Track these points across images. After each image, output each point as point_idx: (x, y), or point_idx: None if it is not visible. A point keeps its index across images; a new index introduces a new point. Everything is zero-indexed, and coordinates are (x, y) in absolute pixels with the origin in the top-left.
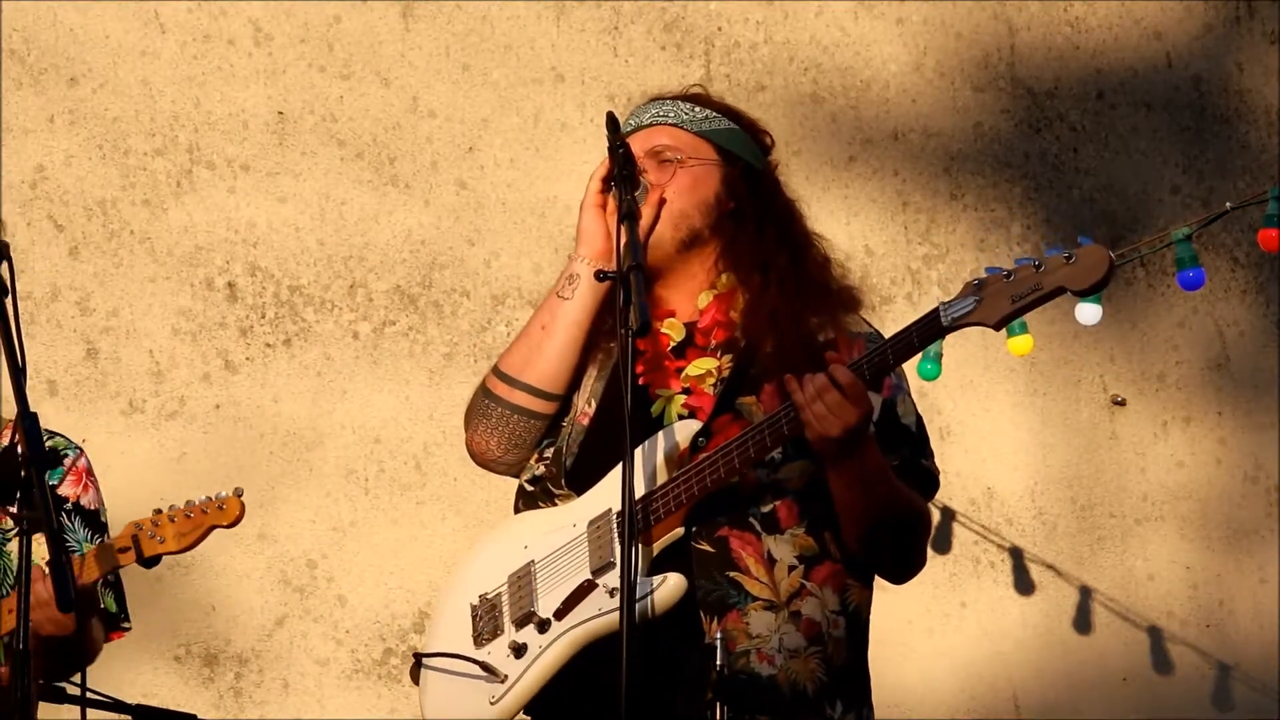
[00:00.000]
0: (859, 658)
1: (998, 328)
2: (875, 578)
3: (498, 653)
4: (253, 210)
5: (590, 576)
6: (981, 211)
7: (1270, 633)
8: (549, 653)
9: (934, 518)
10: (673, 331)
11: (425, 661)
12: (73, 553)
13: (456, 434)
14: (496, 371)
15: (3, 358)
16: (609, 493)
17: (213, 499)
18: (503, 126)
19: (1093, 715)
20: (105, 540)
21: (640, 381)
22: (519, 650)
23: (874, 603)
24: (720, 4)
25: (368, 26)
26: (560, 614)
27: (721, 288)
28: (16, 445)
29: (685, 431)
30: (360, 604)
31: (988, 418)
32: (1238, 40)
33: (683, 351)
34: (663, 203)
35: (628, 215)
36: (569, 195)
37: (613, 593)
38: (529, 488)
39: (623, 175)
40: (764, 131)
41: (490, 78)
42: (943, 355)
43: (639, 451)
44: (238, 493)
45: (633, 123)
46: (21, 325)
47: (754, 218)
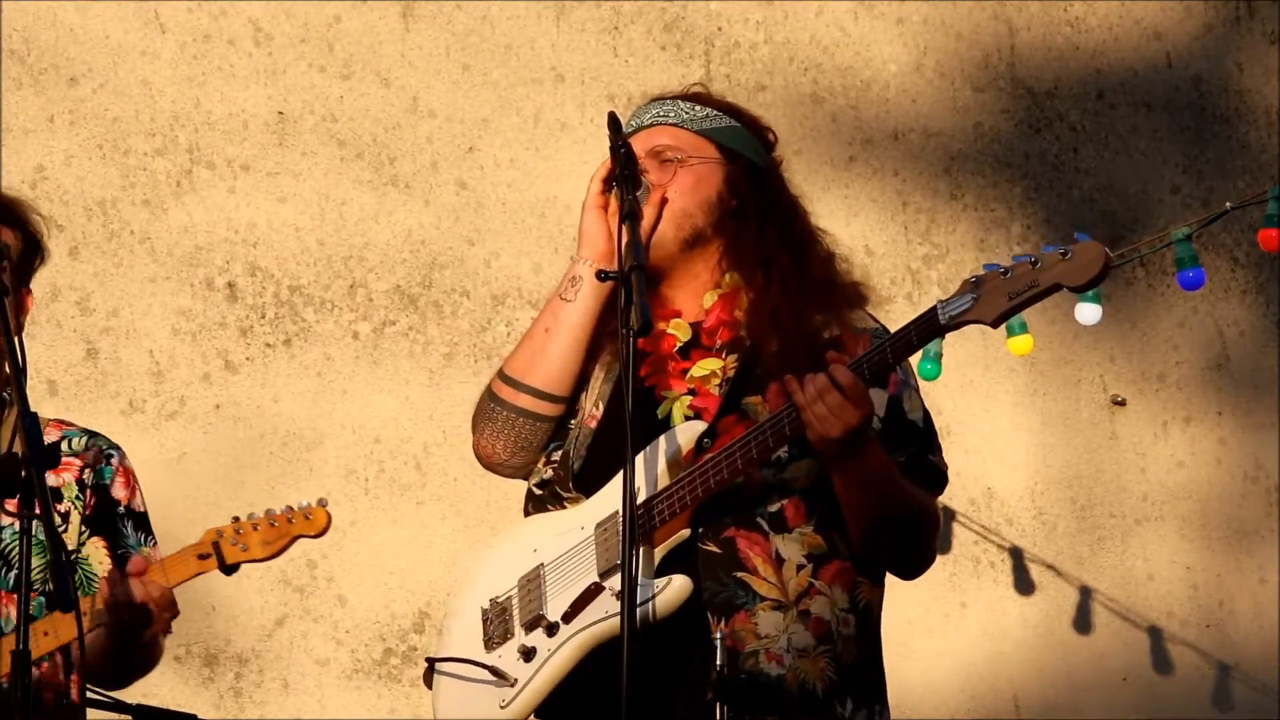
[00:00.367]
0: (870, 655)
1: (995, 325)
2: (886, 575)
3: (508, 656)
4: (253, 210)
5: (598, 579)
6: (981, 211)
7: (1270, 633)
8: (558, 656)
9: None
10: (678, 332)
11: (437, 666)
12: (125, 559)
13: (456, 434)
14: (501, 375)
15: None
16: (617, 495)
17: (298, 508)
18: (503, 126)
19: (1093, 715)
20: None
21: (646, 383)
22: (528, 654)
23: None
24: (720, 4)
25: (368, 26)
26: (568, 617)
27: (726, 287)
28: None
29: (689, 433)
30: (360, 604)
31: (988, 418)
32: (1238, 40)
33: (688, 352)
34: (664, 203)
35: (629, 215)
36: (569, 195)
37: (619, 595)
38: (537, 491)
39: (624, 175)
40: (766, 128)
41: (490, 78)
42: (943, 355)
43: (645, 453)
44: (322, 503)
45: (634, 123)
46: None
47: (756, 215)
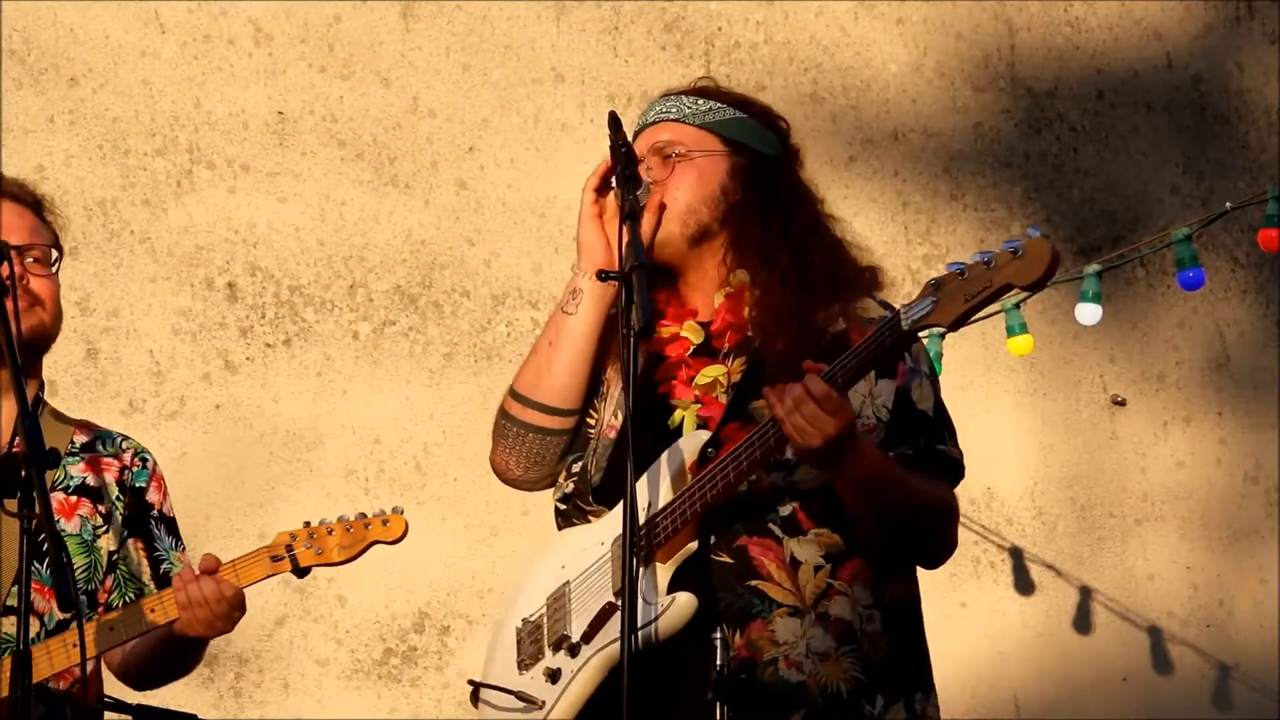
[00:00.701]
0: (905, 648)
1: (953, 328)
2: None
3: (537, 678)
4: (253, 210)
5: (612, 599)
6: (981, 211)
7: (1270, 633)
8: (581, 676)
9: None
10: (692, 335)
11: (482, 693)
12: (161, 562)
13: (456, 434)
14: (511, 391)
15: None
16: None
17: (376, 514)
18: (503, 126)
19: (1093, 715)
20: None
21: (659, 390)
22: (553, 675)
23: None
24: (720, 4)
25: (368, 26)
26: (587, 637)
27: (733, 286)
28: (16, 445)
29: (693, 445)
30: (360, 604)
31: (988, 418)
32: (1238, 40)
33: (703, 354)
34: (663, 207)
35: (629, 215)
36: (569, 195)
37: (622, 617)
38: (561, 506)
39: (625, 175)
40: (777, 118)
41: (490, 78)
42: (943, 355)
43: (651, 468)
44: (397, 510)
45: (640, 122)
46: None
47: (759, 210)
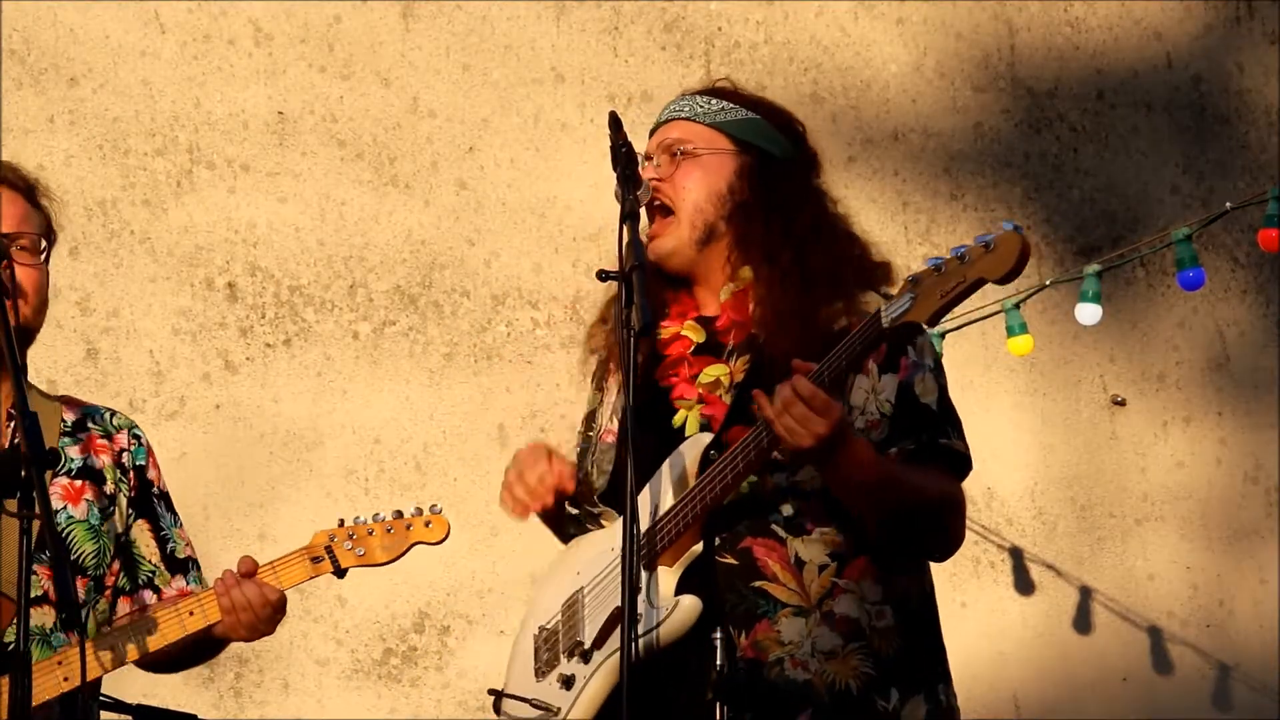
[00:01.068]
0: (918, 641)
1: (930, 324)
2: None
3: (552, 684)
4: (253, 210)
5: (620, 604)
6: (981, 211)
7: (1270, 633)
8: (593, 683)
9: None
10: (693, 334)
11: (504, 704)
12: (167, 541)
13: (456, 434)
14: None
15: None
16: (644, 511)
17: (413, 513)
18: (503, 126)
19: (1093, 715)
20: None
21: (661, 390)
22: (567, 682)
23: None
24: (720, 4)
25: (368, 26)
26: (599, 644)
27: (739, 283)
28: (17, 445)
29: (696, 448)
30: (360, 604)
31: (988, 418)
32: (1238, 40)
33: (700, 355)
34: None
35: (629, 215)
36: (569, 195)
37: (639, 620)
38: (572, 511)
39: (625, 175)
40: (791, 119)
41: (490, 78)
42: (943, 355)
43: (660, 470)
44: (435, 509)
45: (654, 122)
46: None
47: (764, 209)
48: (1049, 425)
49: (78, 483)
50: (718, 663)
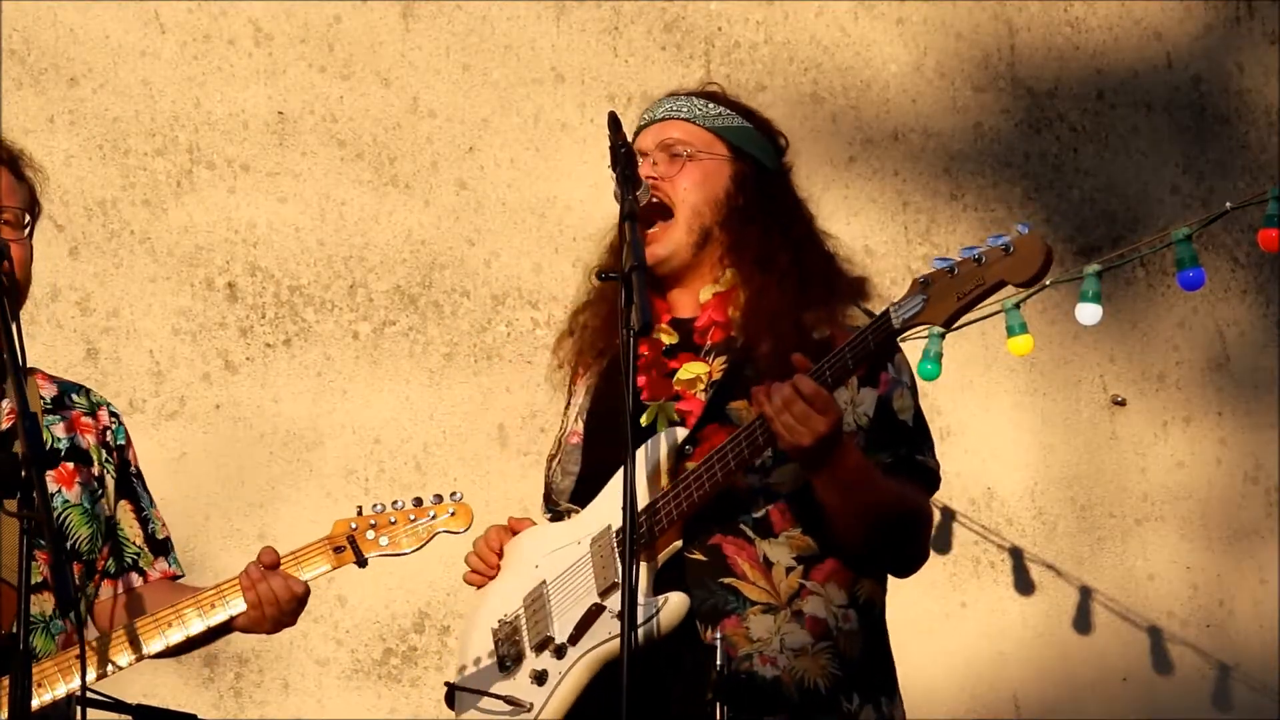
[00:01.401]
0: (876, 648)
1: (947, 326)
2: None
3: (521, 680)
4: (253, 210)
5: (598, 599)
6: (981, 211)
7: (1270, 633)
8: (569, 678)
9: (935, 515)
10: (665, 336)
11: (458, 694)
12: (148, 523)
13: (456, 434)
14: None
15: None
16: (606, 508)
17: (434, 501)
18: (503, 126)
19: (1093, 715)
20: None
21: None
22: (540, 677)
23: None
24: (720, 4)
25: (368, 26)
26: (574, 639)
27: (724, 284)
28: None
29: (670, 441)
30: (360, 604)
31: (988, 418)
32: (1238, 40)
33: (679, 353)
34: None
35: (629, 215)
36: (569, 195)
37: (619, 615)
38: (548, 516)
39: (624, 175)
40: (778, 133)
41: (490, 78)
42: (943, 355)
43: (626, 465)
44: (455, 496)
45: (646, 117)
46: (22, 325)
47: (761, 216)
48: (1049, 425)
49: (69, 465)
50: (718, 663)
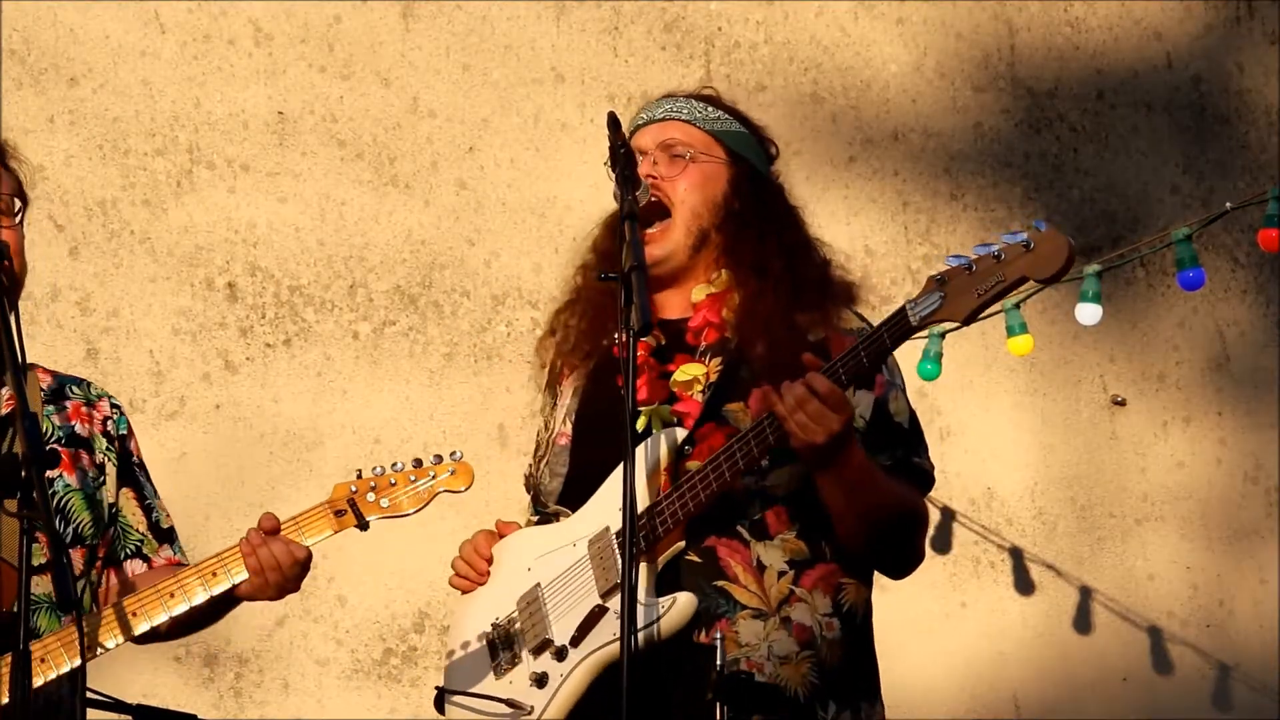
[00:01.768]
0: (856, 656)
1: (966, 323)
2: (875, 575)
3: (519, 683)
4: (253, 210)
5: (600, 601)
6: (981, 211)
7: (1270, 633)
8: (570, 680)
9: (933, 516)
10: (653, 339)
11: (452, 699)
12: (152, 511)
13: (456, 434)
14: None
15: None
16: (604, 509)
17: (434, 461)
18: (503, 126)
19: (1093, 715)
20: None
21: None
22: (540, 680)
23: (874, 603)
24: (720, 4)
25: (368, 26)
26: (576, 641)
27: (718, 286)
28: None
29: (669, 441)
30: (360, 604)
31: (988, 418)
32: (1238, 40)
33: (673, 353)
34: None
35: (629, 215)
36: (569, 195)
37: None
38: (534, 519)
39: (624, 175)
40: (770, 140)
41: (490, 78)
42: (943, 355)
43: (623, 466)
44: (455, 455)
45: (645, 116)
46: (21, 325)
47: (757, 220)
48: (1049, 425)
49: (68, 451)
50: (718, 663)
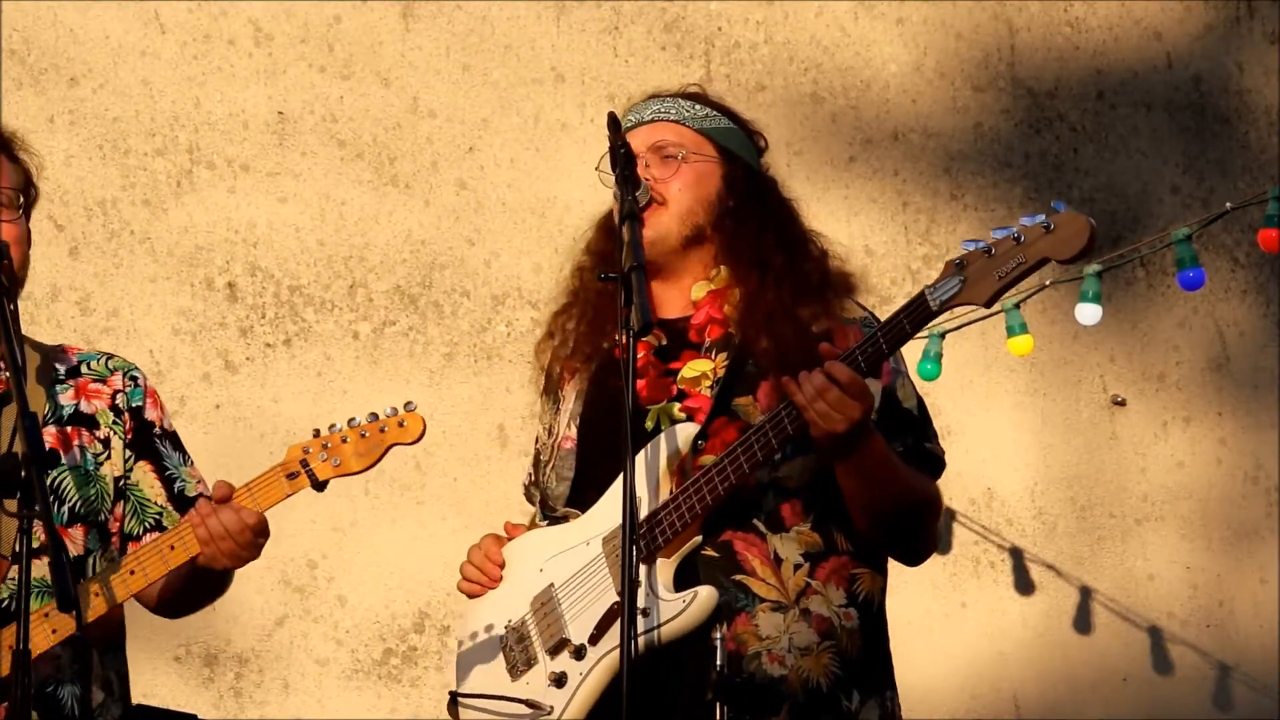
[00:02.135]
0: (874, 646)
1: (989, 305)
2: (889, 563)
3: (537, 683)
4: (253, 210)
5: (618, 599)
6: (981, 211)
7: (1270, 633)
8: (590, 679)
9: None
10: (653, 338)
11: (461, 700)
12: (175, 480)
13: (456, 434)
14: None
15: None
16: (617, 508)
17: (389, 414)
18: (503, 126)
19: (1093, 715)
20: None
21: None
22: (559, 680)
23: None
24: (720, 4)
25: (368, 26)
26: (594, 639)
27: (718, 282)
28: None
29: (684, 435)
30: (360, 604)
31: (988, 418)
32: (1238, 40)
33: (676, 352)
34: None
35: (629, 215)
36: (569, 195)
37: (645, 612)
38: (541, 524)
39: (624, 176)
40: (758, 134)
41: (490, 78)
42: (943, 355)
43: (639, 462)
44: (410, 406)
45: (633, 118)
46: (21, 325)
47: (754, 216)
48: (1049, 425)
49: (68, 429)
50: (718, 663)
